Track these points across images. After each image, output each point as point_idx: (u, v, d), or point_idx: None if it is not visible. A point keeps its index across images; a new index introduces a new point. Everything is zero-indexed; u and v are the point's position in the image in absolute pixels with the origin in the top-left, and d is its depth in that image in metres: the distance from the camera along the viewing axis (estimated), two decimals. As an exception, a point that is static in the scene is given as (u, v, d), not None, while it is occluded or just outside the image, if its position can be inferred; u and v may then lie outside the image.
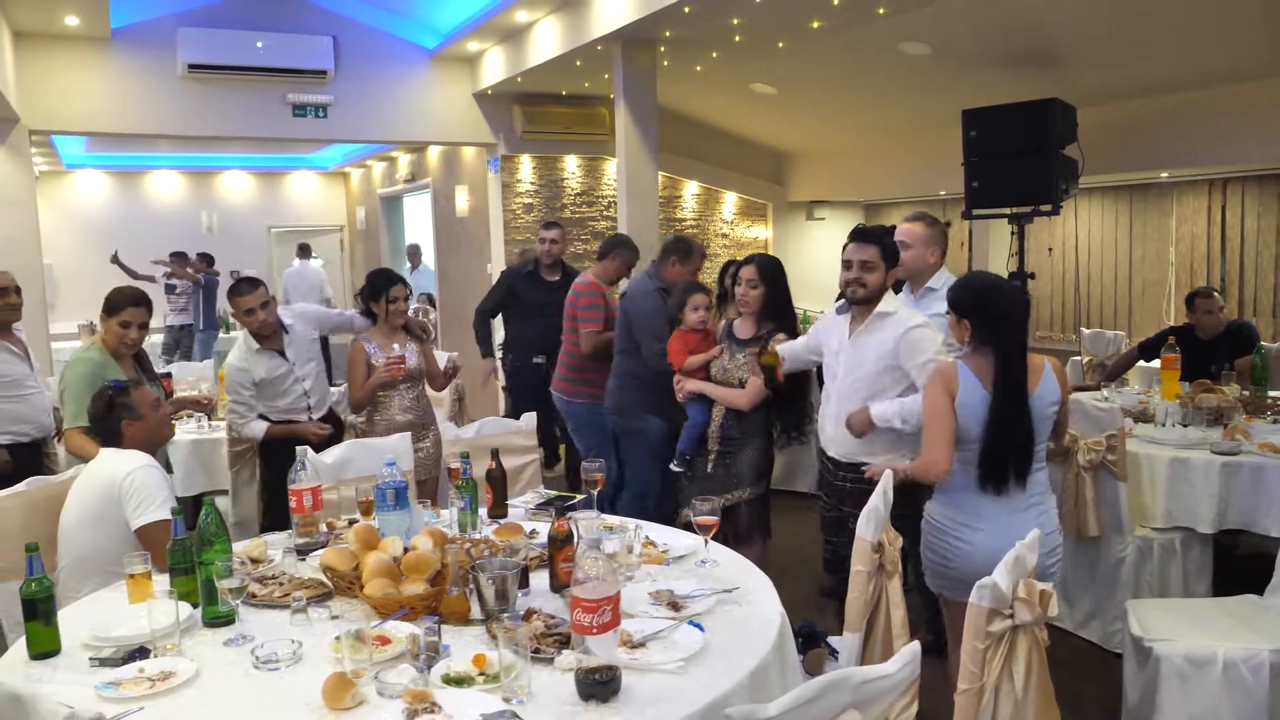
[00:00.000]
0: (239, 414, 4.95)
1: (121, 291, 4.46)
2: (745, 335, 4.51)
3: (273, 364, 4.93)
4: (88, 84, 8.52)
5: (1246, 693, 3.27)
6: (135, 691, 2.26)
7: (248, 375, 4.89)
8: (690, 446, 4.56)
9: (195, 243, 14.15)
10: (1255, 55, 6.52)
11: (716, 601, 2.75)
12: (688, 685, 2.26)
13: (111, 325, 4.37)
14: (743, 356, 4.43)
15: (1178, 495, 4.50)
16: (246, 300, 4.84)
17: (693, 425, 4.56)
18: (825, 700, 1.81)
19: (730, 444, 4.46)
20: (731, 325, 4.60)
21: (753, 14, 6.73)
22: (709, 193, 11.52)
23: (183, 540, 2.81)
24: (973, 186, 7.14)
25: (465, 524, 3.47)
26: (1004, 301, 3.26)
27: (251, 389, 4.90)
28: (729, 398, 4.42)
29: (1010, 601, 2.34)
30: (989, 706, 2.33)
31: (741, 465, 4.46)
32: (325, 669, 2.33)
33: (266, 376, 4.91)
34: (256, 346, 4.92)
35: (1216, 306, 6.07)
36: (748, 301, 4.43)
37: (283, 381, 4.97)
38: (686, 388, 4.55)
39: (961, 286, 3.35)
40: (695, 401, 4.55)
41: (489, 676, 2.26)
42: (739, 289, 4.47)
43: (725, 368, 4.48)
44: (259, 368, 4.90)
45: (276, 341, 4.97)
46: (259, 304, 4.85)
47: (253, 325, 4.87)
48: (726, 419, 4.46)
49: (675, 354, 4.65)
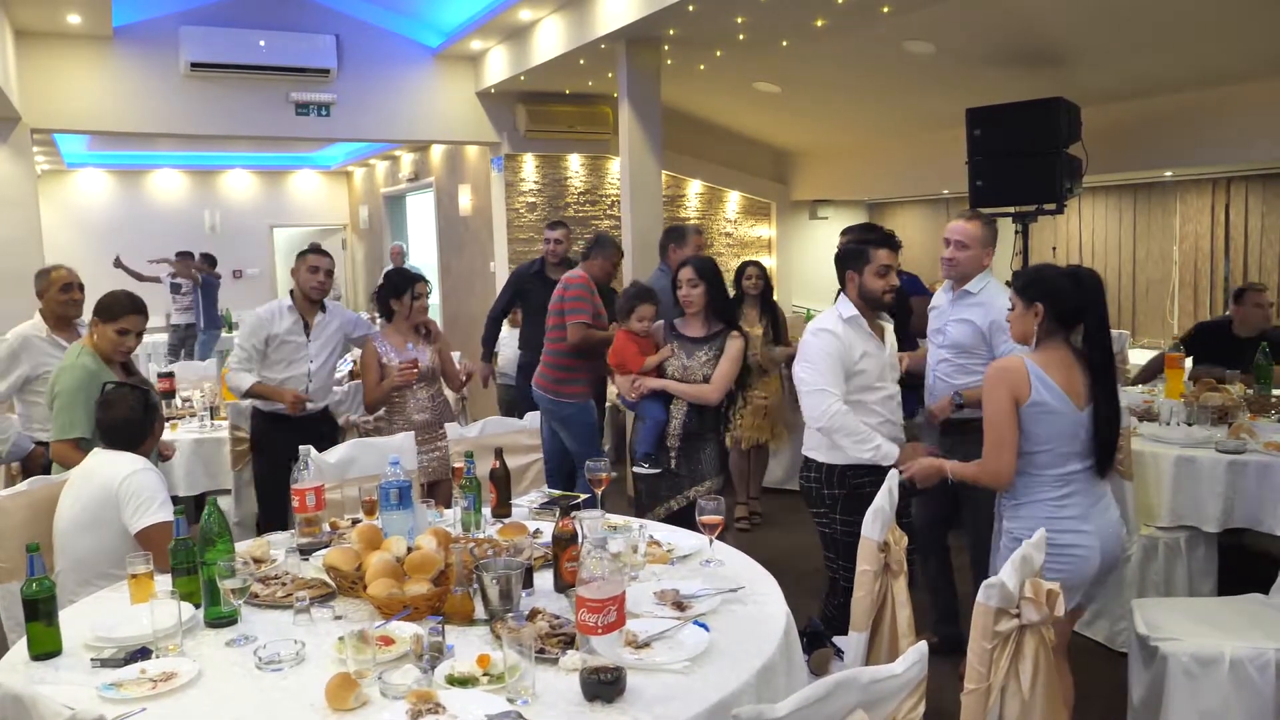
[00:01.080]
0: (239, 360, 4.97)
1: (119, 297, 4.23)
2: (697, 334, 4.60)
3: (294, 329, 4.98)
4: (89, 82, 8.51)
5: (1254, 692, 3.26)
6: (137, 692, 2.25)
7: (266, 326, 4.93)
8: (652, 446, 4.59)
9: (198, 242, 14.15)
10: (1259, 54, 6.50)
11: (721, 601, 2.74)
12: (694, 685, 2.24)
13: (107, 331, 4.15)
14: (704, 354, 4.53)
15: (1183, 494, 4.48)
16: (315, 260, 4.98)
17: (654, 424, 4.59)
18: (834, 700, 1.79)
19: (692, 440, 4.57)
20: (674, 324, 4.68)
21: (757, 13, 6.72)
22: (713, 192, 11.51)
23: (185, 540, 2.80)
24: (976, 185, 7.13)
25: (469, 523, 3.46)
26: (1089, 282, 3.09)
27: (263, 344, 4.93)
28: (699, 393, 4.50)
29: (1017, 601, 2.33)
30: (996, 706, 2.31)
31: (705, 460, 4.59)
32: (329, 669, 2.31)
33: (281, 335, 4.94)
34: (289, 305, 4.99)
35: (1267, 302, 5.84)
36: (691, 300, 4.53)
37: (294, 351, 4.99)
38: (648, 385, 4.59)
39: (1045, 276, 3.15)
40: (652, 400, 4.60)
41: (493, 677, 2.25)
42: (680, 290, 4.56)
43: (686, 366, 4.56)
44: (281, 324, 4.95)
45: (310, 314, 5.03)
46: (325, 269, 4.98)
47: (311, 282, 4.95)
48: (689, 416, 4.56)
49: (629, 354, 4.70)
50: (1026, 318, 3.11)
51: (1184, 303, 8.59)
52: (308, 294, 4.99)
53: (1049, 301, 3.06)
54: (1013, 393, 3.02)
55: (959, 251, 4.19)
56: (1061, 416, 3.03)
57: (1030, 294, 3.09)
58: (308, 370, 5.03)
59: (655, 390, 4.58)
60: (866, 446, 3.68)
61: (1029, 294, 3.10)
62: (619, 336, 4.77)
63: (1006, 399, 3.03)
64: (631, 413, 5.13)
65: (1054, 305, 3.06)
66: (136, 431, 3.51)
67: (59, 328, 4.93)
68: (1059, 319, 3.07)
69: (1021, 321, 3.14)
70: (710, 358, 4.51)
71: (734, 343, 4.53)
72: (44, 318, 4.93)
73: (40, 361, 4.83)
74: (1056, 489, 3.09)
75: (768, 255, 11.77)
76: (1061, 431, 3.04)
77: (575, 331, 5.68)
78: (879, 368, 3.84)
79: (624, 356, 4.70)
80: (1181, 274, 8.64)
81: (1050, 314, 3.06)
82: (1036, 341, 3.12)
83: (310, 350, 5.03)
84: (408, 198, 14.62)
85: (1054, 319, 3.07)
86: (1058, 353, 3.07)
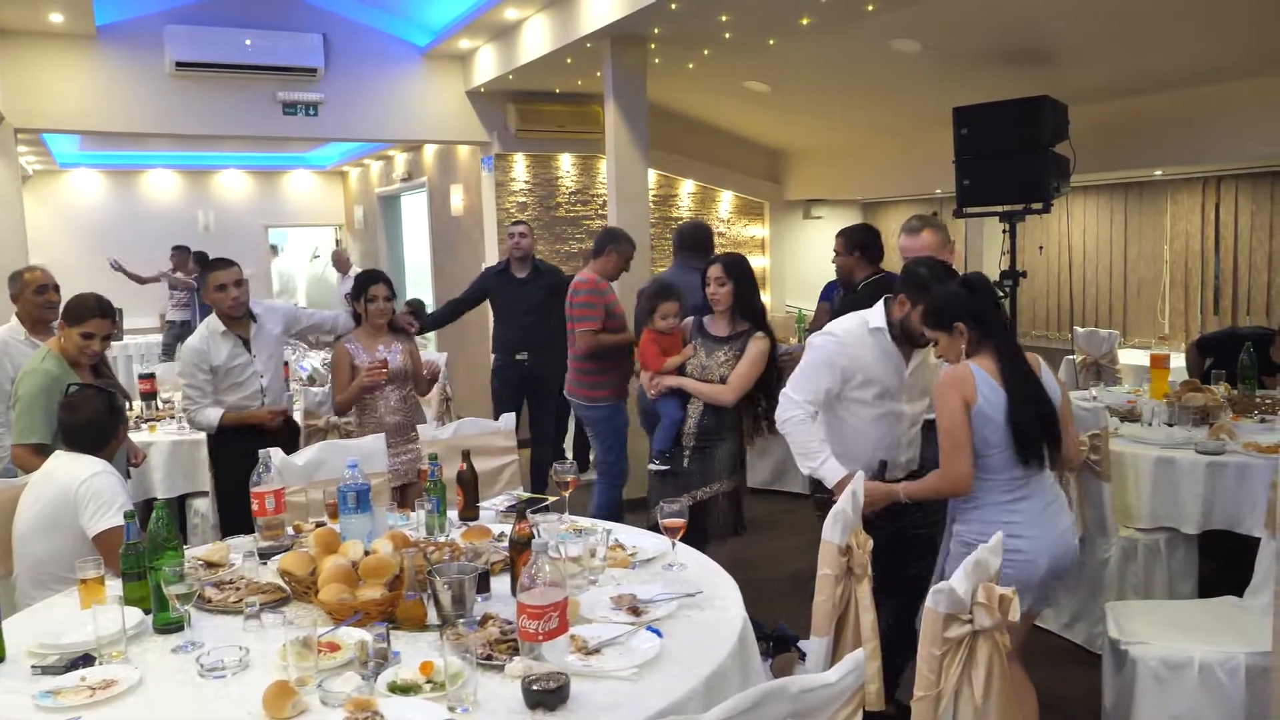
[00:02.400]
0: (192, 399, 4.75)
1: (86, 300, 4.17)
2: (721, 333, 4.55)
3: (234, 351, 4.76)
4: (73, 82, 8.45)
5: (1223, 696, 3.23)
6: (74, 700, 2.22)
7: (205, 359, 4.70)
8: (668, 444, 4.57)
9: (192, 242, 14.07)
10: (1248, 53, 6.45)
11: (678, 606, 2.70)
12: (641, 692, 2.22)
13: (72, 335, 4.10)
14: (723, 354, 4.48)
15: (1162, 495, 4.45)
16: (220, 275, 4.71)
17: (671, 422, 4.58)
18: (762, 710, 1.75)
19: (707, 439, 4.54)
20: (702, 322, 4.61)
21: (741, 11, 6.67)
22: (705, 191, 11.46)
23: (135, 545, 2.77)
24: (964, 185, 7.08)
25: (433, 526, 3.43)
26: (983, 286, 3.22)
27: (208, 374, 4.71)
28: (714, 394, 4.45)
29: (969, 606, 2.29)
30: (948, 713, 2.28)
31: (718, 459, 4.55)
32: (273, 676, 2.28)
33: (225, 364, 4.73)
34: (222, 329, 4.75)
35: None
36: (718, 299, 4.47)
37: (240, 372, 4.78)
38: (666, 383, 4.57)
39: (942, 300, 3.23)
40: (669, 398, 4.58)
41: (435, 684, 2.22)
42: (708, 288, 4.49)
43: (705, 365, 4.53)
44: (219, 352, 4.72)
45: (243, 329, 4.82)
46: (233, 281, 4.71)
47: (224, 303, 4.70)
48: (705, 415, 4.53)
49: (650, 354, 4.67)
50: (955, 342, 3.18)
51: (1175, 302, 8.54)
52: (227, 313, 4.78)
53: (966, 316, 3.15)
54: (963, 397, 3.06)
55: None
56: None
57: (946, 320, 3.18)
58: (260, 387, 4.85)
59: (673, 388, 4.56)
60: (808, 462, 3.60)
61: (945, 320, 3.19)
62: (644, 336, 4.74)
63: (958, 403, 3.06)
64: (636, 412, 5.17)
65: (971, 317, 3.14)
66: (101, 434, 3.49)
67: (36, 330, 4.88)
68: (979, 327, 3.14)
69: (952, 347, 3.20)
70: (730, 358, 4.46)
71: (756, 344, 4.45)
72: (21, 320, 4.90)
73: (20, 364, 4.80)
74: (1007, 493, 3.10)
75: (761, 255, 11.72)
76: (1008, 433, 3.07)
77: (584, 340, 5.67)
78: (886, 385, 3.67)
79: (645, 357, 4.70)
80: (1172, 273, 8.59)
81: (972, 327, 3.14)
82: (969, 356, 3.16)
83: (257, 366, 4.84)
84: (402, 198, 14.57)
85: (975, 329, 3.14)
86: (989, 358, 3.12)
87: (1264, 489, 4.11)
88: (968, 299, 3.17)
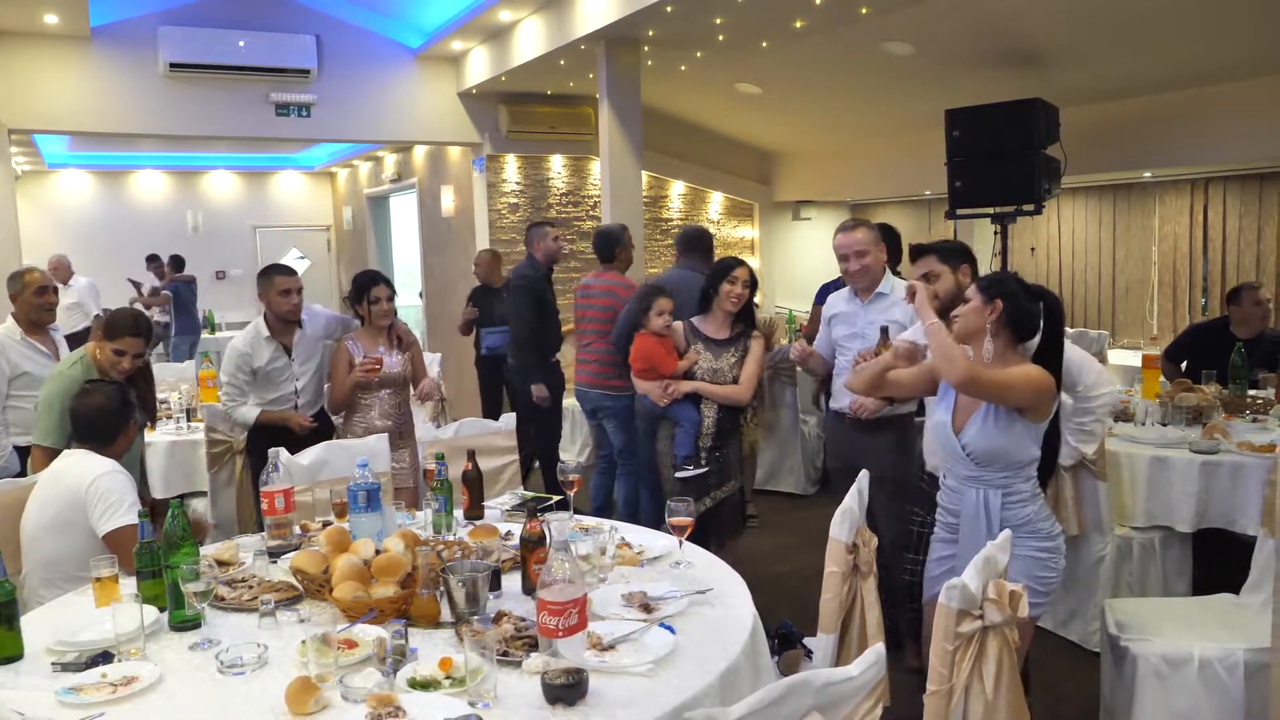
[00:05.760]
0: (231, 396, 4.93)
1: (123, 316, 4.13)
2: (723, 335, 4.65)
3: (275, 356, 4.92)
4: (68, 83, 8.45)
5: (1223, 692, 3.27)
6: (96, 697, 2.23)
7: (249, 361, 4.87)
8: (691, 448, 4.62)
9: (180, 243, 14.09)
10: (1237, 55, 6.53)
11: (689, 603, 2.74)
12: (656, 688, 2.24)
13: (106, 349, 4.08)
14: (730, 355, 4.60)
15: (1157, 495, 4.50)
16: (285, 281, 4.86)
17: (691, 426, 4.62)
18: (788, 703, 1.79)
19: (723, 438, 4.66)
20: (694, 327, 4.69)
21: (735, 13, 6.71)
22: (695, 193, 11.50)
23: (150, 543, 2.78)
24: (956, 186, 7.14)
25: (440, 526, 3.45)
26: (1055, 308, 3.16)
27: (249, 375, 4.89)
28: (731, 394, 4.59)
29: (980, 602, 2.33)
30: (959, 708, 2.31)
31: (730, 460, 4.70)
32: (291, 673, 2.30)
33: (264, 367, 4.89)
34: (266, 334, 4.90)
35: (1265, 299, 5.66)
36: (741, 300, 4.61)
37: (278, 375, 4.95)
38: (683, 388, 4.62)
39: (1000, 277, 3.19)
40: (683, 403, 4.63)
41: (455, 680, 2.24)
42: (734, 288, 4.58)
43: (716, 368, 4.62)
44: (261, 356, 4.88)
45: (287, 335, 4.96)
46: (296, 288, 4.88)
47: (284, 306, 4.84)
48: (721, 415, 4.64)
49: (658, 356, 4.69)
50: (981, 313, 3.09)
51: (1163, 303, 8.63)
52: (283, 317, 4.92)
53: (1008, 301, 3.06)
54: (1050, 393, 3.05)
55: (862, 260, 4.30)
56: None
57: (992, 292, 3.09)
58: (294, 389, 5.00)
59: (687, 393, 4.62)
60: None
61: (991, 291, 3.09)
62: (643, 340, 4.75)
63: (1047, 384, 3.02)
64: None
65: (1011, 304, 3.06)
66: (110, 424, 3.49)
67: (32, 331, 4.89)
68: (1012, 323, 3.08)
69: (976, 315, 3.11)
70: (737, 358, 4.62)
71: (756, 343, 4.67)
72: (17, 321, 4.90)
73: (16, 364, 4.80)
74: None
75: (751, 256, 11.77)
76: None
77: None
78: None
79: (654, 359, 4.69)
80: (1161, 274, 8.67)
81: (1006, 314, 3.06)
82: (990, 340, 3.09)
83: (294, 369, 5.00)
84: (391, 199, 14.57)
85: (1008, 322, 3.07)
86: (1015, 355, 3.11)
87: (1258, 488, 4.17)
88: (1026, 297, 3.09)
